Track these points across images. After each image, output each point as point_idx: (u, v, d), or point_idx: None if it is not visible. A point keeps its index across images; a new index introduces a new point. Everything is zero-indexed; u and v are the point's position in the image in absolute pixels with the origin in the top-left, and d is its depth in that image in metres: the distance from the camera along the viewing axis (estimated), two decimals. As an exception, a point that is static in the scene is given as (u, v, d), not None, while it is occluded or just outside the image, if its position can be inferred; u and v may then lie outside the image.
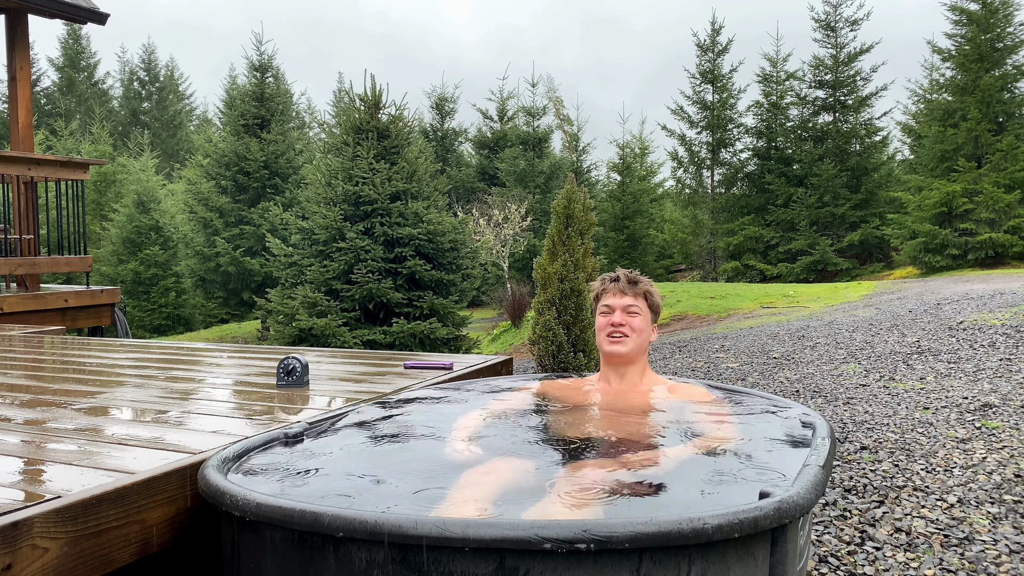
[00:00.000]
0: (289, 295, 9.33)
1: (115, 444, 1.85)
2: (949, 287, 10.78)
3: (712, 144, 21.70)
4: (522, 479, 1.68)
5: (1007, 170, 16.00)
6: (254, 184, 16.16)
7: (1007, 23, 16.80)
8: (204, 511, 1.69)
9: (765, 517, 1.27)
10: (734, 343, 7.85)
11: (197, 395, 2.58)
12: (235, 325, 18.64)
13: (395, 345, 8.63)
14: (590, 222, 6.79)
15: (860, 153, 20.04)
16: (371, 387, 2.65)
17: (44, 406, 2.32)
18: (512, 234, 16.89)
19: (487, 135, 23.24)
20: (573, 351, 6.51)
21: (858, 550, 2.86)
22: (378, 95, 9.71)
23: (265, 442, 1.82)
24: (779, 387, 5.62)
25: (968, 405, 4.55)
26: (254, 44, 16.95)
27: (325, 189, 9.51)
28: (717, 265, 20.99)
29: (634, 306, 2.29)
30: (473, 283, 9.96)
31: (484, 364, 3.09)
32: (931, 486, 3.39)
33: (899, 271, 17.84)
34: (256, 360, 3.35)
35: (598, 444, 1.96)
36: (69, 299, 6.41)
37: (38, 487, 1.52)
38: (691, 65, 23.26)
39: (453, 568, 1.22)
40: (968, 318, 7.33)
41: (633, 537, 1.19)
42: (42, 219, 15.60)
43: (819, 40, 20.34)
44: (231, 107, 17.31)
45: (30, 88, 7.40)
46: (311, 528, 1.28)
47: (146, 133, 31.60)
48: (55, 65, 32.82)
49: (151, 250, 18.96)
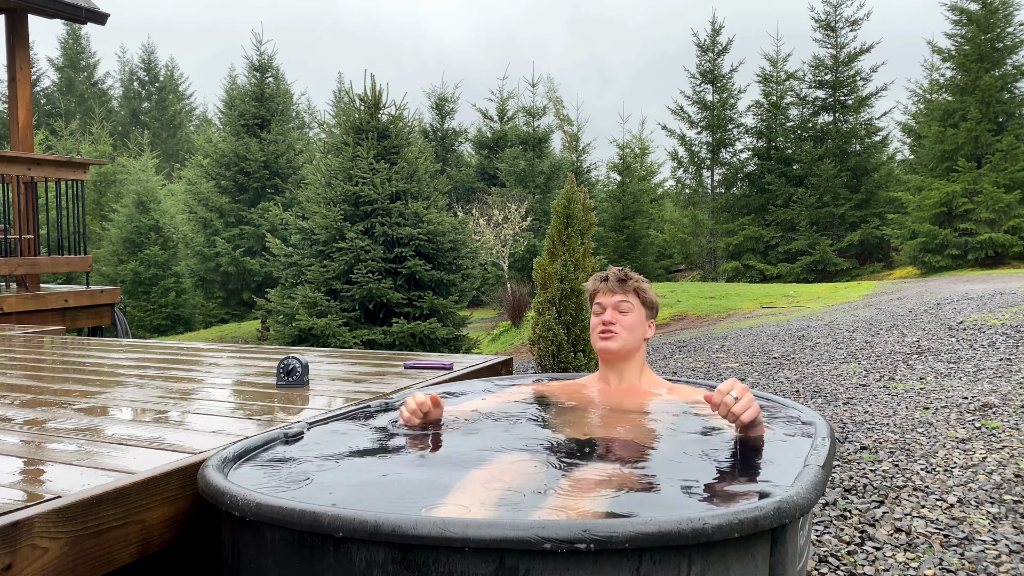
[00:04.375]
0: (289, 295, 9.33)
1: (115, 444, 1.85)
2: (949, 287, 10.78)
3: (712, 144, 21.70)
4: (522, 479, 1.68)
5: (1007, 170, 16.00)
6: (254, 184, 16.16)
7: (1007, 23, 16.80)
8: (204, 511, 1.69)
9: (765, 517, 1.27)
10: (734, 343, 7.85)
11: (197, 395, 2.58)
12: (235, 325, 18.64)
13: (395, 345, 8.63)
14: (590, 222, 6.79)
15: (860, 153, 20.04)
16: (371, 387, 2.65)
17: (44, 406, 2.32)
18: (512, 234, 16.89)
19: (487, 135, 23.23)
20: (573, 351, 6.51)
21: (858, 550, 2.86)
22: (378, 95, 9.71)
23: (265, 442, 1.82)
24: (779, 387, 5.62)
25: (968, 405, 4.55)
26: (254, 44, 16.96)
27: (325, 189, 9.52)
28: (717, 265, 20.99)
29: (625, 302, 2.30)
30: (473, 283, 9.96)
31: (484, 364, 3.09)
32: (931, 486, 3.39)
33: (899, 271, 17.84)
34: (256, 360, 3.35)
35: (597, 444, 1.96)
36: (69, 299, 6.41)
37: (38, 487, 1.52)
38: (690, 64, 23.27)
39: (453, 568, 1.22)
40: (968, 318, 7.33)
41: (633, 537, 1.19)
42: (42, 219, 15.60)
43: (819, 40, 20.35)
44: (231, 107, 17.34)
45: (30, 88, 7.40)
46: (311, 528, 1.28)
47: (146, 133, 31.58)
48: (55, 65, 32.84)
49: (151, 250, 18.96)
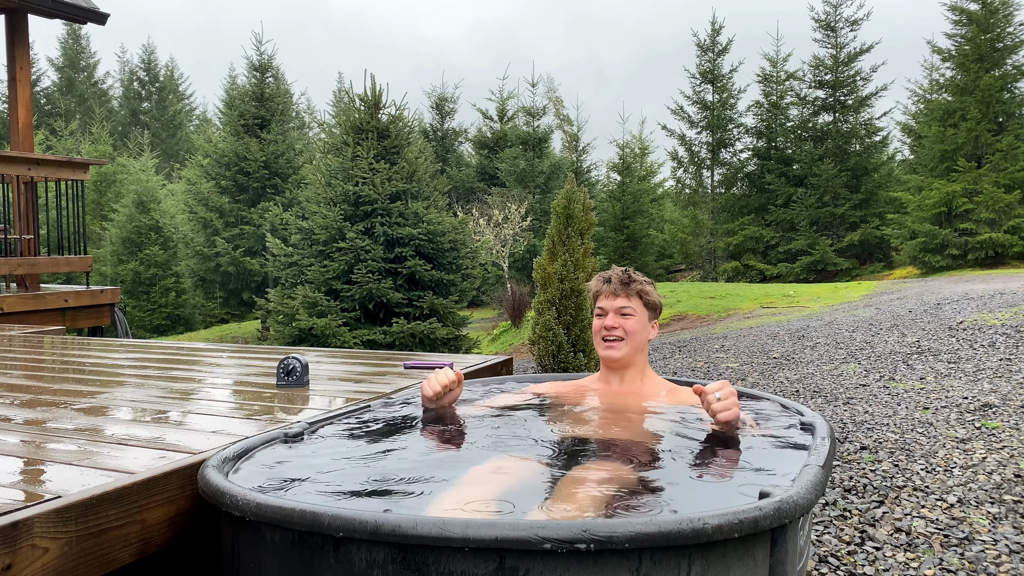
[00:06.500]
0: (289, 295, 9.33)
1: (115, 444, 1.85)
2: (949, 287, 10.77)
3: (712, 144, 21.70)
4: (522, 479, 1.68)
5: (1007, 170, 16.00)
6: (254, 184, 16.16)
7: (1007, 23, 16.81)
8: (204, 511, 1.69)
9: (765, 517, 1.27)
10: (734, 343, 7.85)
11: (197, 395, 2.58)
12: (235, 325, 18.64)
13: (395, 345, 8.63)
14: (590, 222, 6.79)
15: (860, 153, 20.04)
16: (371, 387, 2.65)
17: (44, 406, 2.32)
18: (512, 234, 16.89)
19: (487, 135, 23.23)
20: (573, 351, 6.51)
21: (858, 550, 2.86)
22: (378, 95, 9.71)
23: (265, 442, 1.82)
24: (779, 387, 5.62)
25: (968, 405, 4.55)
26: (254, 44, 16.97)
27: (325, 189, 9.51)
28: (717, 265, 20.99)
29: (627, 307, 2.27)
30: (473, 283, 9.96)
31: (484, 364, 3.09)
32: (931, 486, 3.39)
33: (899, 271, 17.84)
34: (256, 360, 3.35)
35: (598, 445, 1.96)
36: (69, 299, 6.41)
37: (38, 487, 1.52)
38: (690, 64, 23.26)
39: (453, 568, 1.22)
40: (968, 318, 7.33)
41: (633, 537, 1.19)
42: (42, 219, 15.61)
43: (819, 40, 20.35)
44: (231, 107, 17.33)
45: (30, 88, 7.40)
46: (311, 528, 1.28)
47: (146, 133, 31.60)
48: (55, 65, 32.84)
49: (151, 250, 18.97)
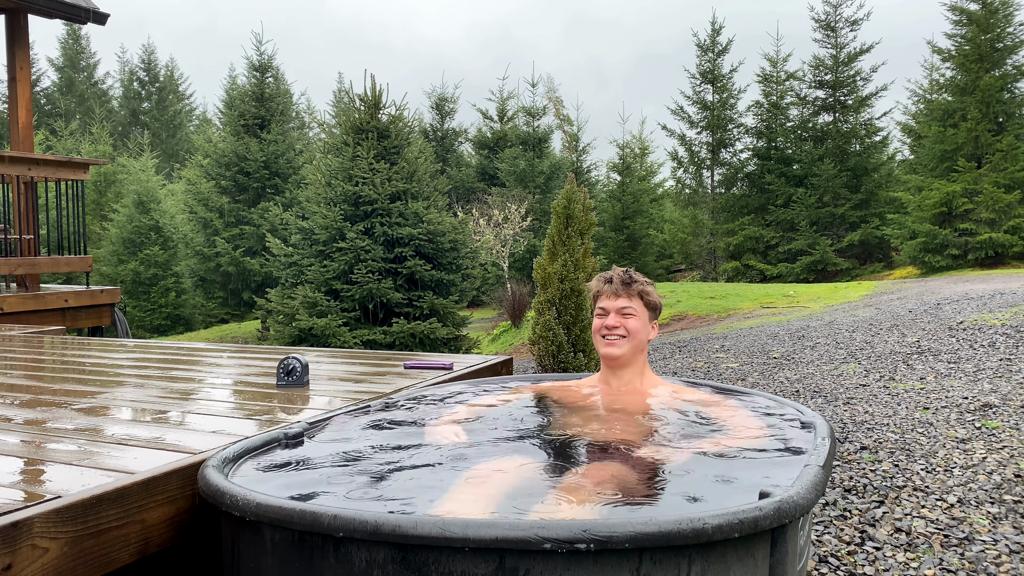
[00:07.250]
0: (289, 295, 9.33)
1: (115, 444, 1.85)
2: (949, 287, 10.77)
3: (712, 144, 21.70)
4: (522, 479, 1.69)
5: (1007, 170, 16.00)
6: (254, 184, 16.16)
7: (1007, 23, 16.80)
8: (204, 511, 1.69)
9: (765, 517, 1.27)
10: (734, 343, 7.85)
11: (197, 395, 2.58)
12: (235, 325, 18.63)
13: (395, 345, 8.63)
14: (590, 222, 6.79)
15: (860, 153, 20.04)
16: (371, 387, 2.65)
17: (44, 406, 2.32)
18: (512, 234, 16.88)
19: (487, 135, 23.22)
20: (573, 351, 6.51)
21: (858, 550, 2.86)
22: (378, 95, 9.71)
23: (265, 442, 1.82)
24: (779, 387, 5.62)
25: (968, 405, 4.55)
26: (254, 44, 16.97)
27: (325, 189, 9.51)
28: (717, 265, 20.99)
29: (628, 308, 2.29)
30: (473, 283, 9.96)
31: (484, 364, 3.09)
32: (931, 486, 3.39)
33: (899, 271, 17.84)
34: (256, 360, 3.35)
35: (597, 445, 1.96)
36: (69, 299, 6.41)
37: (38, 487, 1.52)
38: (690, 64, 23.26)
39: (453, 568, 1.22)
40: (968, 318, 7.33)
41: (633, 537, 1.19)
42: (42, 219, 15.60)
43: (819, 40, 20.34)
44: (231, 107, 17.33)
45: (30, 88, 7.40)
46: (311, 528, 1.28)
47: (146, 133, 31.59)
48: (55, 65, 32.82)
49: (151, 250, 18.96)
